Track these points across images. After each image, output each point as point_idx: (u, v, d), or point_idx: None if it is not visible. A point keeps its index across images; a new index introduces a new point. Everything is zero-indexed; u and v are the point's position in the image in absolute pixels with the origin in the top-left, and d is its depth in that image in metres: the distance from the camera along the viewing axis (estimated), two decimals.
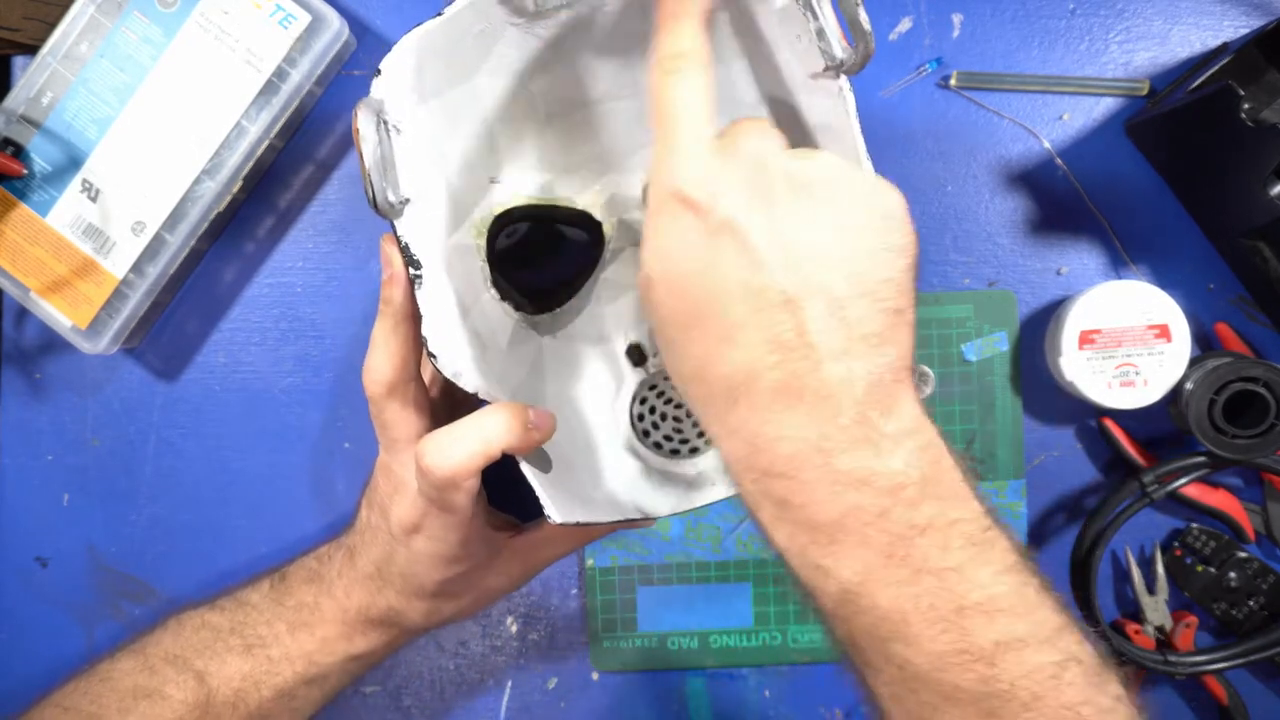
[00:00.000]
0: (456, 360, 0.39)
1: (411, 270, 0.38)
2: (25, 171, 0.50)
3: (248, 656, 0.45)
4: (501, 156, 0.44)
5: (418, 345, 0.40)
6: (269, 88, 0.51)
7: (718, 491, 0.41)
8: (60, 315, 0.51)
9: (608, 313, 0.47)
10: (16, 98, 0.51)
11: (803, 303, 0.31)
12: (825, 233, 0.32)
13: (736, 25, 0.41)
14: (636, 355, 0.47)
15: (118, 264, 0.51)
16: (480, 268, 0.43)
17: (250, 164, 0.51)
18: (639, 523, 0.44)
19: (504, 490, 0.48)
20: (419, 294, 0.38)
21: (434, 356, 0.38)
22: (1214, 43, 0.54)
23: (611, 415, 0.46)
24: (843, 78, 0.38)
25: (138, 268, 0.51)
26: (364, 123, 0.35)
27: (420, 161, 0.39)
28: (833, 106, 0.39)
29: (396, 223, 0.38)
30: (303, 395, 0.55)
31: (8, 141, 0.51)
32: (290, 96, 0.51)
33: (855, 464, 0.31)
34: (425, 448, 0.38)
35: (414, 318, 0.39)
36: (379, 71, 0.37)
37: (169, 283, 0.52)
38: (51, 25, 0.51)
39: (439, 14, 0.37)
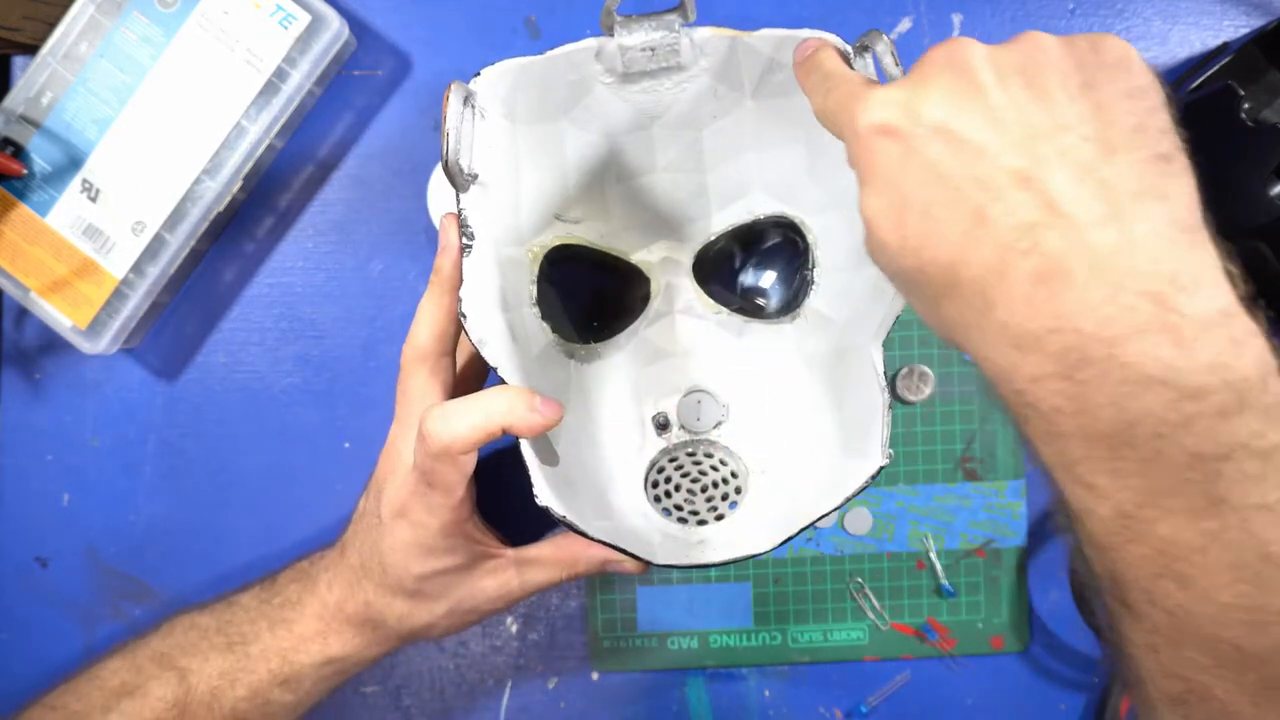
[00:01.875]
0: (485, 328, 0.40)
1: (464, 240, 0.40)
2: (25, 171, 0.50)
3: (228, 654, 0.45)
4: (570, 199, 0.46)
5: (457, 322, 0.41)
6: (269, 88, 0.51)
7: (718, 555, 0.42)
8: (60, 315, 0.51)
9: (641, 373, 0.48)
10: (16, 98, 0.51)
11: (1044, 175, 0.27)
12: (1046, 104, 0.28)
13: (797, 115, 0.43)
14: (662, 424, 0.48)
15: (118, 264, 0.51)
16: (528, 285, 0.45)
17: (250, 164, 0.51)
18: (630, 562, 0.44)
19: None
20: (466, 261, 0.40)
21: (465, 317, 0.40)
22: (1214, 42, 0.54)
23: (626, 471, 0.47)
24: None
25: (138, 268, 0.51)
26: (455, 94, 0.38)
27: (495, 155, 0.42)
28: None
29: (461, 195, 0.40)
30: (303, 395, 0.55)
31: (7, 141, 0.51)
32: (290, 96, 0.51)
33: (1147, 355, 0.25)
34: (429, 414, 0.38)
35: (459, 290, 0.40)
36: (478, 74, 0.40)
37: (169, 283, 0.52)
38: (51, 25, 0.51)
39: (541, 54, 0.41)
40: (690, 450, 0.47)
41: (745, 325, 0.48)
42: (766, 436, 0.47)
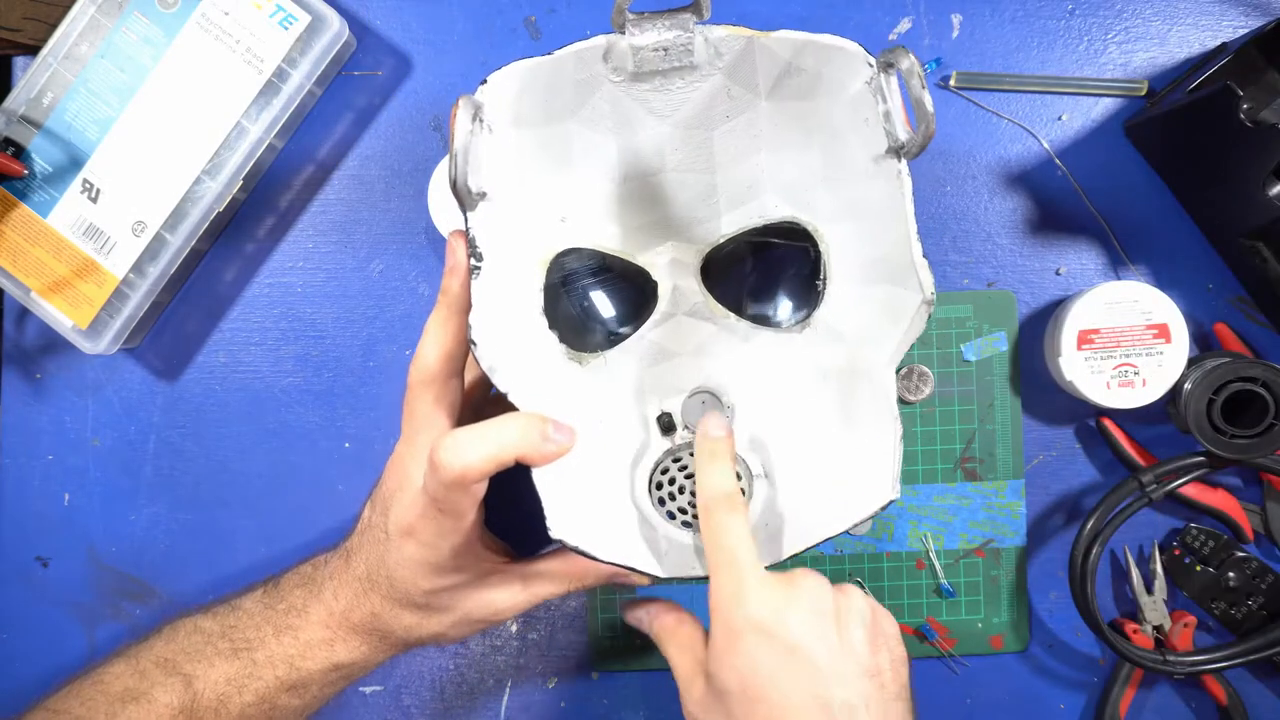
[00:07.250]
0: (495, 355, 0.40)
1: (473, 261, 0.40)
2: (26, 172, 0.51)
3: (234, 659, 0.45)
4: (576, 201, 0.46)
5: (465, 343, 0.41)
6: (269, 88, 0.51)
7: None
8: (61, 315, 0.51)
9: (647, 375, 0.48)
10: (17, 98, 0.51)
11: (858, 708, 0.39)
12: (862, 650, 0.40)
13: (813, 119, 0.43)
14: (666, 424, 0.48)
15: (118, 264, 0.51)
16: (535, 293, 0.44)
17: (250, 164, 0.51)
18: (635, 576, 0.44)
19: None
20: (474, 284, 0.39)
21: (474, 344, 0.39)
22: (1213, 43, 0.54)
23: (631, 473, 0.46)
24: (903, 160, 0.40)
25: (138, 268, 0.51)
26: (463, 110, 0.38)
27: (502, 167, 0.41)
28: (889, 190, 0.41)
29: (469, 214, 0.40)
30: (303, 395, 0.56)
31: (8, 142, 0.51)
32: (290, 96, 0.51)
33: None
34: (441, 443, 0.38)
35: (467, 312, 0.40)
36: (485, 81, 0.39)
37: (169, 283, 0.52)
38: (52, 26, 0.51)
39: (547, 54, 0.40)
40: (694, 451, 0.47)
41: (753, 331, 0.47)
42: (771, 441, 0.47)
